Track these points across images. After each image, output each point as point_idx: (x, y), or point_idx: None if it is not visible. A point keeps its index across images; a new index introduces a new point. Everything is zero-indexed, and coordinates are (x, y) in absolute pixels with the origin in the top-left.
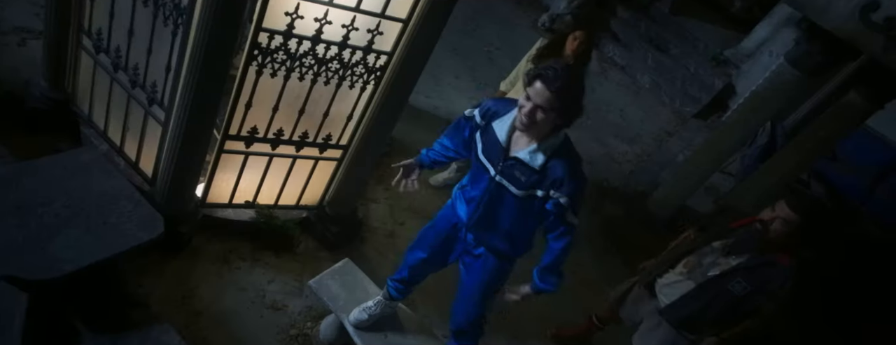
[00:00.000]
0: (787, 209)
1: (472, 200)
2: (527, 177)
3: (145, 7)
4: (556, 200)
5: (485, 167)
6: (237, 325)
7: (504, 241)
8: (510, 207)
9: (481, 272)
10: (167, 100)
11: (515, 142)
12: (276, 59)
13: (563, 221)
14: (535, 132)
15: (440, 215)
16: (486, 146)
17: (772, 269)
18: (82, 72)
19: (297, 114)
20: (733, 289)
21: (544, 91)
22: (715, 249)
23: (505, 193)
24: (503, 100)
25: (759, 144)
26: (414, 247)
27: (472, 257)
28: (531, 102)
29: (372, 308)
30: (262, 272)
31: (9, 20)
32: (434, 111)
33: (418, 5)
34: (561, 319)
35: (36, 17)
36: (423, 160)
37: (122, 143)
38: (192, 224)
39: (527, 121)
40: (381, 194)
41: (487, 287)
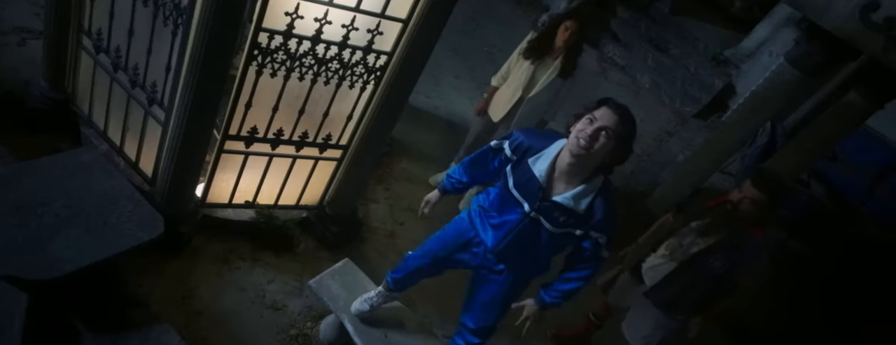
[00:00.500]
0: (753, 189)
1: (500, 227)
2: (566, 218)
3: (145, 7)
4: (595, 239)
5: (517, 201)
6: (237, 325)
7: (528, 265)
8: (542, 240)
9: (501, 286)
10: (167, 100)
11: (557, 183)
12: (276, 59)
13: (597, 256)
14: (583, 169)
15: (452, 229)
16: (520, 181)
17: (747, 243)
18: (82, 72)
19: (297, 114)
20: (713, 265)
21: (611, 114)
22: (693, 230)
23: (539, 228)
24: (536, 133)
25: (760, 144)
26: (418, 255)
27: (490, 272)
28: (597, 123)
29: (373, 299)
30: (262, 272)
31: (9, 20)
32: (434, 111)
33: (418, 5)
34: (561, 319)
35: (36, 17)
36: (447, 189)
37: (122, 143)
38: (192, 224)
39: (586, 144)
40: (382, 194)
41: (506, 300)
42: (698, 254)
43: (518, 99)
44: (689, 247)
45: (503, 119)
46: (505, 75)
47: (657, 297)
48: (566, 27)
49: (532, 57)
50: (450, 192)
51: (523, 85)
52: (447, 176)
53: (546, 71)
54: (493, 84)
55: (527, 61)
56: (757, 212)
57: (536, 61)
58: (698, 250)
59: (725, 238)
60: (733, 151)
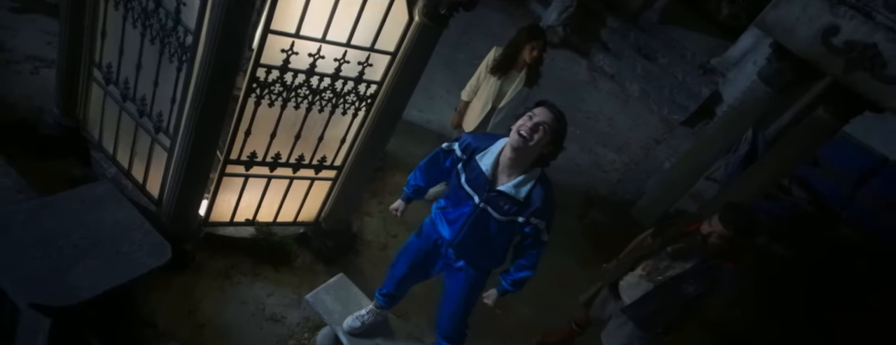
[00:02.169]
0: (720, 225)
1: (456, 221)
2: (509, 206)
3: (152, 45)
4: (535, 225)
5: (469, 194)
6: (239, 337)
7: (484, 256)
8: (491, 229)
9: (464, 283)
10: (172, 128)
11: (501, 175)
12: (273, 90)
13: (538, 240)
14: (522, 161)
15: (418, 235)
16: (470, 177)
17: (719, 272)
18: (93, 101)
19: (294, 139)
20: (686, 290)
21: (547, 112)
22: (670, 255)
23: (488, 217)
24: (481, 135)
25: (741, 153)
26: (396, 263)
27: (453, 270)
28: (536, 119)
29: (364, 316)
30: (261, 286)
31: (21, 49)
32: (426, 125)
33: (405, 40)
34: (547, 324)
35: (48, 45)
36: (411, 196)
37: (130, 166)
38: (196, 242)
39: (527, 135)
40: (375, 208)
41: (469, 295)
42: (674, 278)
43: (489, 110)
44: (664, 270)
45: (477, 129)
46: (474, 90)
47: (634, 314)
48: (532, 47)
49: (498, 73)
50: (413, 197)
51: (493, 97)
52: (407, 183)
53: (512, 83)
54: (463, 99)
55: (493, 77)
56: (725, 245)
57: (502, 76)
58: (674, 275)
59: (699, 265)
60: (713, 162)
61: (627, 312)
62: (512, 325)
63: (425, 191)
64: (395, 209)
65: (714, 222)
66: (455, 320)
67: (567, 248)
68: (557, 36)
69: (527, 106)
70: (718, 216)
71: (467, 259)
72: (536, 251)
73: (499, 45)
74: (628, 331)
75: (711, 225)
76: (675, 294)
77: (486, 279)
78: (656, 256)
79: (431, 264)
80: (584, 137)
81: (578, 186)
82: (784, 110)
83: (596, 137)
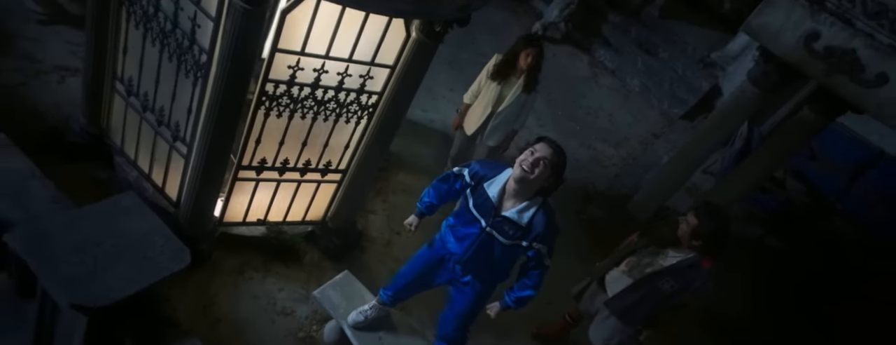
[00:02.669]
0: (693, 218)
1: (464, 239)
2: (514, 231)
3: (170, 62)
4: (537, 249)
5: (476, 218)
6: (252, 329)
7: (489, 272)
8: (496, 251)
9: (471, 295)
10: (189, 137)
11: (505, 202)
12: (281, 102)
13: (541, 263)
14: (525, 191)
15: (428, 248)
16: (477, 202)
17: (695, 271)
18: (115, 111)
19: (301, 146)
20: (662, 287)
21: (547, 147)
22: (651, 252)
23: (494, 240)
24: (489, 164)
25: (736, 148)
26: (405, 269)
27: (460, 285)
28: (537, 154)
29: (368, 311)
30: (273, 282)
31: (49, 59)
32: (430, 124)
33: (403, 54)
34: (545, 318)
35: (72, 55)
36: (423, 212)
37: (150, 171)
38: (211, 241)
39: (528, 169)
40: (380, 206)
41: (475, 307)
42: (652, 275)
43: (489, 113)
44: (644, 267)
45: (477, 131)
46: (475, 94)
47: (614, 306)
48: (527, 53)
49: (498, 78)
50: (426, 213)
51: (492, 101)
52: (420, 200)
53: (511, 88)
54: (465, 102)
55: (493, 82)
56: (690, 234)
57: (502, 82)
58: (652, 272)
59: (676, 264)
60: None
61: (609, 305)
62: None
63: (437, 208)
64: (409, 224)
65: (689, 217)
66: (458, 327)
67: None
68: (559, 32)
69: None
70: (693, 212)
71: (474, 274)
72: (539, 272)
73: (500, 53)
74: (611, 325)
75: (688, 220)
76: (652, 290)
77: (491, 292)
78: (639, 252)
79: (436, 276)
80: (583, 133)
81: (577, 182)
82: (780, 106)
83: (595, 133)
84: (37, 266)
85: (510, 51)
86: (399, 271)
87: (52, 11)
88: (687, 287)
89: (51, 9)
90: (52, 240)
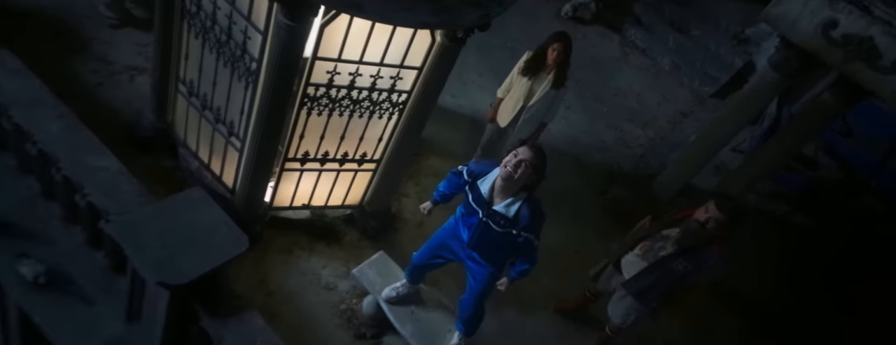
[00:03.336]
0: (717, 211)
1: (470, 228)
2: (504, 222)
3: (224, 68)
4: (526, 237)
5: (475, 210)
6: (301, 302)
7: (494, 253)
8: (495, 237)
9: (483, 276)
10: (242, 133)
11: (495, 197)
12: (320, 103)
13: (531, 246)
14: (511, 188)
15: (445, 229)
16: (474, 196)
17: (707, 253)
18: (179, 108)
19: (339, 139)
20: (676, 268)
21: (528, 151)
22: (664, 236)
23: (490, 228)
24: (484, 162)
25: (765, 127)
26: (422, 252)
27: (475, 263)
28: (519, 157)
29: (399, 288)
30: (317, 260)
31: (120, 61)
32: (459, 109)
33: (429, 57)
34: (565, 293)
35: (139, 55)
36: (437, 201)
37: (209, 161)
38: (263, 223)
39: (512, 170)
40: (412, 189)
41: (487, 287)
42: (665, 258)
43: (520, 108)
44: (658, 251)
45: (509, 124)
46: (508, 88)
47: (631, 287)
48: (553, 49)
49: (528, 74)
50: (440, 202)
51: (523, 96)
52: (436, 190)
53: (541, 84)
54: (498, 96)
55: (524, 77)
56: (720, 229)
57: (533, 77)
58: (665, 255)
59: (688, 247)
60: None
61: (626, 286)
62: (533, 293)
63: (450, 198)
64: (424, 208)
65: (711, 209)
66: (476, 307)
67: (588, 223)
68: (589, 12)
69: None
70: (715, 204)
71: (483, 256)
72: (531, 253)
73: (529, 41)
74: (628, 303)
75: (708, 211)
76: (666, 272)
77: (501, 272)
78: (652, 237)
79: (450, 253)
80: (610, 114)
81: (602, 163)
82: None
83: (623, 114)
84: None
85: (540, 47)
86: (417, 254)
87: (121, 16)
88: (699, 267)
89: (120, 14)
90: (139, 228)
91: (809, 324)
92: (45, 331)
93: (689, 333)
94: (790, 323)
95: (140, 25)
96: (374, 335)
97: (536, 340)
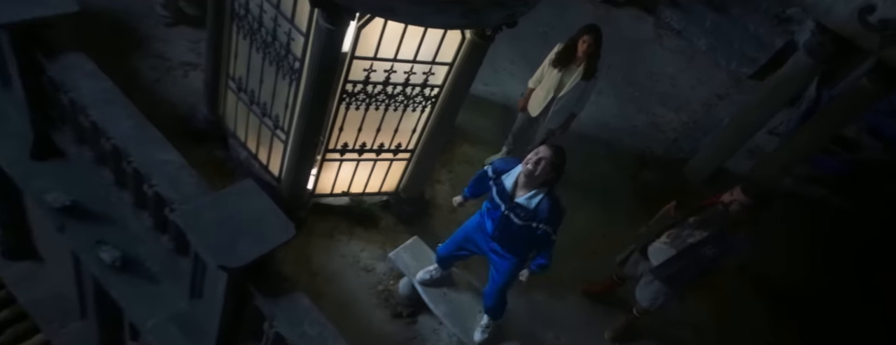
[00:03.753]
0: (742, 195)
1: (494, 220)
2: (524, 214)
3: (270, 66)
4: (544, 229)
5: (499, 203)
6: (342, 282)
7: (516, 245)
8: (515, 229)
9: (505, 267)
10: (286, 126)
11: (518, 191)
12: (358, 98)
13: (549, 240)
14: (532, 183)
15: (470, 224)
16: (498, 190)
17: (734, 238)
18: (229, 102)
19: (375, 131)
20: (705, 253)
21: (548, 149)
22: (690, 225)
23: (511, 221)
24: (509, 160)
25: (802, 110)
26: (447, 245)
27: (498, 255)
28: (540, 155)
29: (433, 271)
30: (356, 243)
31: (176, 58)
32: (491, 97)
33: (460, 52)
34: (594, 276)
35: (192, 52)
36: (468, 197)
37: (257, 151)
38: (306, 209)
39: (533, 167)
40: (445, 176)
41: (509, 278)
42: (693, 245)
43: (550, 99)
44: (686, 238)
45: (540, 114)
46: (539, 79)
47: (660, 273)
48: (584, 41)
49: (559, 66)
50: (469, 198)
51: (554, 87)
52: (468, 186)
53: (571, 75)
54: (530, 86)
55: (555, 69)
56: (745, 213)
57: (563, 69)
58: (694, 242)
59: (716, 233)
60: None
61: (655, 272)
62: (562, 276)
63: (479, 194)
64: (456, 201)
65: (736, 192)
66: (499, 297)
67: (617, 207)
68: None
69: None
70: (741, 188)
71: (505, 248)
72: (549, 247)
73: (564, 35)
74: (656, 287)
75: (733, 195)
76: (694, 258)
77: (523, 264)
78: (679, 225)
79: (474, 246)
80: (642, 98)
81: (633, 148)
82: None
83: (656, 97)
84: (192, 237)
85: (570, 40)
86: (444, 245)
87: (175, 15)
88: (727, 251)
89: (174, 12)
90: (201, 217)
91: (838, 310)
92: (122, 305)
93: (717, 315)
94: (818, 308)
95: (192, 23)
96: (410, 314)
97: (565, 321)
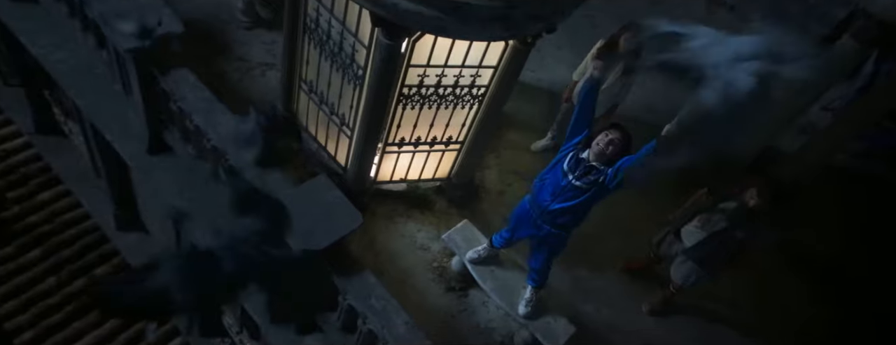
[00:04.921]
0: (757, 197)
1: (552, 191)
2: (595, 175)
3: (337, 73)
4: (618, 164)
5: (566, 173)
6: (402, 259)
7: (568, 218)
8: (576, 196)
9: (556, 241)
10: (351, 123)
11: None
12: (413, 99)
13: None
14: (602, 160)
15: (516, 214)
16: (570, 163)
17: (759, 224)
18: (301, 101)
19: (429, 127)
20: (733, 238)
21: (617, 131)
22: (721, 210)
23: (576, 188)
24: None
25: (857, 86)
26: (510, 228)
27: (548, 232)
28: (610, 136)
29: (481, 251)
30: (413, 225)
31: (254, 59)
32: (537, 83)
33: (504, 57)
34: (632, 254)
35: (267, 53)
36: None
37: (325, 144)
38: (369, 195)
39: (603, 146)
40: (493, 161)
41: (557, 251)
42: (723, 230)
43: None
44: (716, 223)
45: None
46: (582, 72)
47: (692, 255)
48: (625, 37)
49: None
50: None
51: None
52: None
53: (613, 70)
54: (573, 79)
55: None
56: (765, 207)
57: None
58: (722, 227)
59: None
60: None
61: (687, 253)
62: (602, 254)
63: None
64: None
65: (751, 193)
66: (547, 263)
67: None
68: None
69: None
70: (756, 191)
71: (558, 222)
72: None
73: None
74: (689, 267)
75: (748, 195)
76: (722, 242)
77: (568, 239)
78: (709, 210)
79: (532, 228)
80: None
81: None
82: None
83: None
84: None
85: (613, 35)
86: (505, 229)
87: (253, 19)
88: (753, 237)
89: (252, 17)
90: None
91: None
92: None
93: (754, 290)
94: (859, 285)
95: (266, 26)
96: (461, 288)
97: (605, 296)
